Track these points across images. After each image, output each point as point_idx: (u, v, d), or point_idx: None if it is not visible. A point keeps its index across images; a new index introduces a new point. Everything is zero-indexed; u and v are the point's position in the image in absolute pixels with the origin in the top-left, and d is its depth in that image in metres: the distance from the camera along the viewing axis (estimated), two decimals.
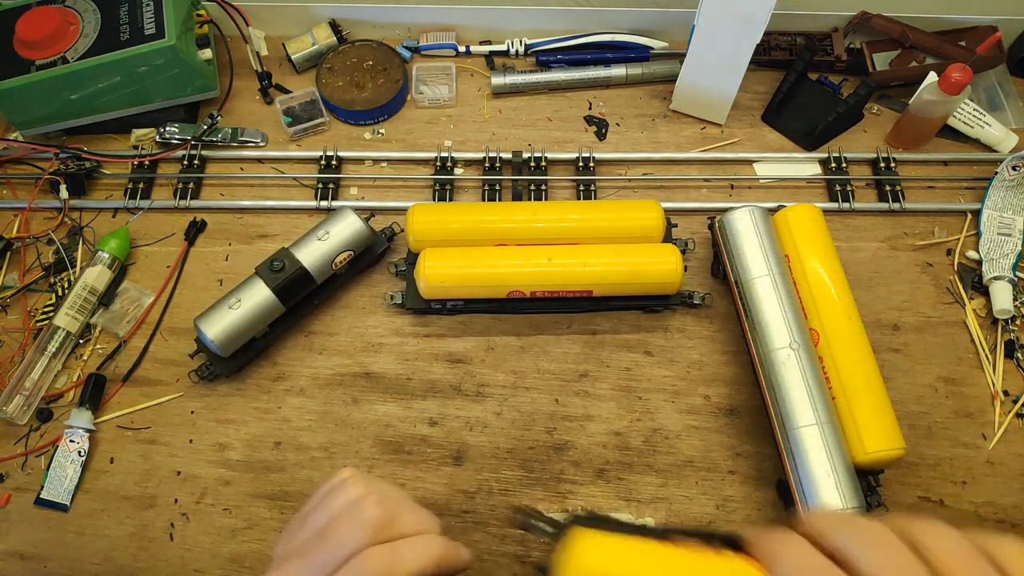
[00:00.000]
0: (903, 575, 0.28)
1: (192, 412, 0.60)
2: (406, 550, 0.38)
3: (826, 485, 0.51)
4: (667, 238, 0.63)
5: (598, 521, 0.35)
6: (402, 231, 0.65)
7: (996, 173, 0.68)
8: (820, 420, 0.53)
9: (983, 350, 0.63)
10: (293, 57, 0.76)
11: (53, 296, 0.65)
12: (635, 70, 0.76)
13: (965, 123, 0.72)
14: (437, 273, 0.59)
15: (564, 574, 0.32)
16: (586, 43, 0.77)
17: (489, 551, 0.55)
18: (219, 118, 0.73)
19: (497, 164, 0.71)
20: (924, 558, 0.28)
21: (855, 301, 0.59)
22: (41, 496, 0.57)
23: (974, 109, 0.72)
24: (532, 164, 0.71)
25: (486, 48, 0.79)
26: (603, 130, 0.75)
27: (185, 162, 0.71)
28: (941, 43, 0.73)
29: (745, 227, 0.60)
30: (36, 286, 0.66)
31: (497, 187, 0.70)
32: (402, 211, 0.66)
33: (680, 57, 0.71)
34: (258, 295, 0.59)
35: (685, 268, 0.60)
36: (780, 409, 0.54)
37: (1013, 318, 0.63)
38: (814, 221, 0.61)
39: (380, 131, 0.75)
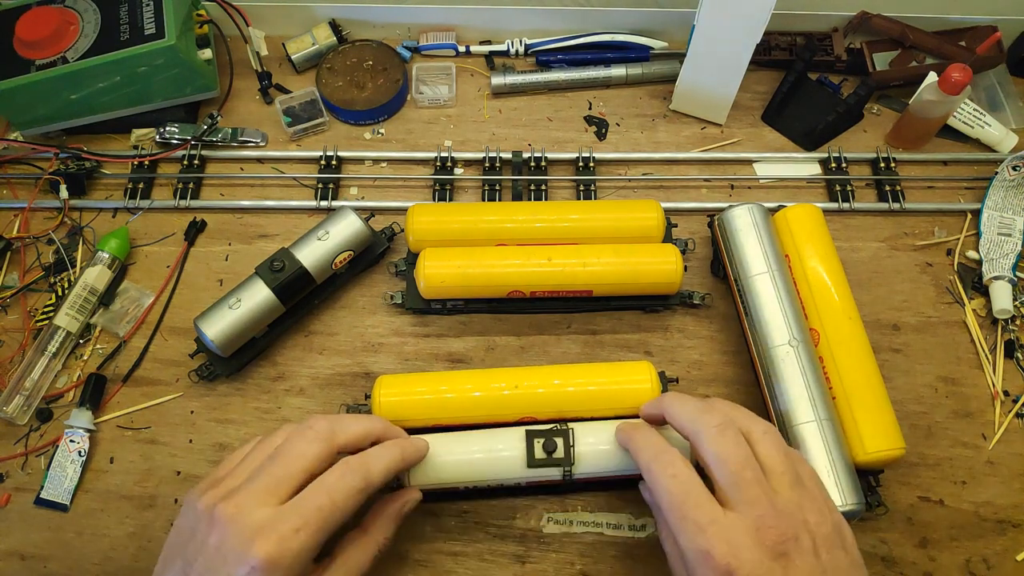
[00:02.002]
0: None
1: (192, 412, 0.60)
2: (373, 456, 0.45)
3: (825, 482, 0.51)
4: (667, 238, 0.63)
5: None
6: (402, 231, 0.65)
7: (996, 173, 0.68)
8: (819, 417, 0.53)
9: (983, 350, 0.63)
10: (293, 57, 0.76)
11: (53, 296, 0.65)
12: (635, 70, 0.76)
13: (965, 123, 0.72)
14: (437, 273, 0.59)
15: None
16: (586, 43, 0.77)
17: (490, 551, 0.55)
18: (219, 118, 0.73)
19: (497, 164, 0.71)
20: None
21: (855, 301, 0.59)
22: (41, 496, 0.57)
23: (974, 109, 0.72)
24: (532, 164, 0.71)
25: (486, 48, 0.79)
26: (603, 130, 0.75)
27: (185, 162, 0.71)
28: (941, 43, 0.73)
29: (744, 225, 0.60)
30: (36, 286, 0.66)
31: (497, 187, 0.70)
32: (402, 211, 0.66)
33: (680, 57, 0.71)
34: (258, 295, 0.59)
35: (685, 268, 0.60)
36: (779, 406, 0.54)
37: (1013, 318, 0.64)
38: (814, 221, 0.61)
39: (380, 131, 0.75)
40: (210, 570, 0.40)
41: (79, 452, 0.58)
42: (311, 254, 0.60)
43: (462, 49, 0.78)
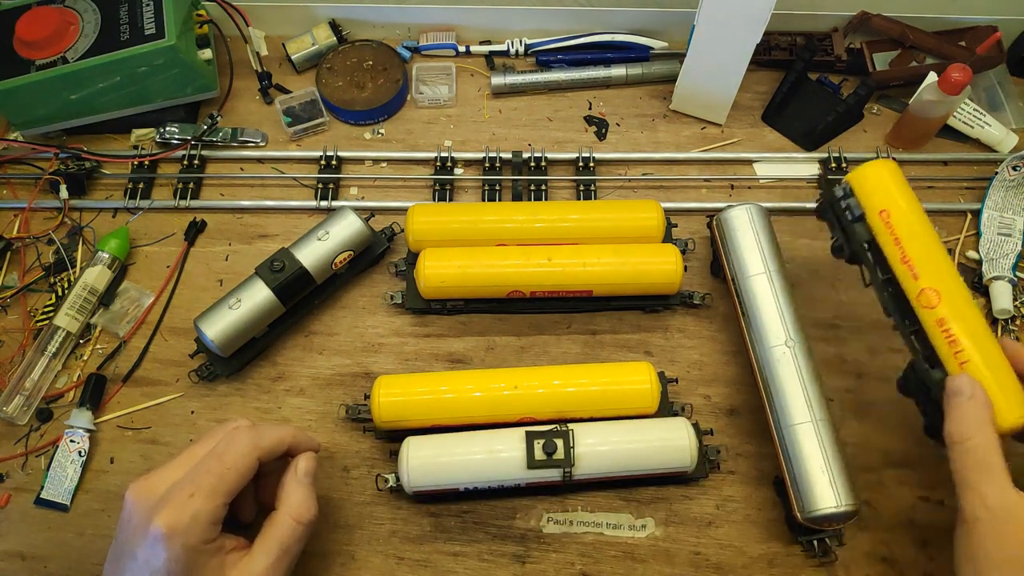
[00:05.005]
0: None
1: (192, 412, 0.60)
2: (266, 428, 0.49)
3: (820, 482, 0.51)
4: (667, 238, 0.63)
5: None
6: (402, 231, 0.65)
7: (996, 173, 0.68)
8: (815, 417, 0.53)
9: None
10: (293, 57, 0.76)
11: (53, 296, 0.65)
12: (635, 70, 0.76)
13: (965, 123, 0.72)
14: (437, 273, 0.59)
15: None
16: (586, 43, 0.77)
17: (489, 551, 0.55)
18: (219, 118, 0.73)
19: (497, 164, 0.71)
20: None
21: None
22: (41, 496, 0.57)
23: (974, 109, 0.72)
24: (532, 164, 0.71)
25: (486, 48, 0.79)
26: (603, 130, 0.75)
27: (185, 162, 0.71)
28: (941, 43, 0.73)
29: (742, 225, 0.60)
30: (36, 286, 0.66)
31: (497, 187, 0.70)
32: (402, 211, 0.66)
33: (680, 57, 0.71)
34: (258, 295, 0.59)
35: (685, 268, 0.60)
36: (775, 407, 0.54)
37: (1013, 318, 0.63)
38: (899, 177, 0.54)
39: (380, 131, 0.75)
40: (127, 544, 0.44)
41: (79, 452, 0.58)
42: (311, 254, 0.60)
43: (462, 49, 0.78)
